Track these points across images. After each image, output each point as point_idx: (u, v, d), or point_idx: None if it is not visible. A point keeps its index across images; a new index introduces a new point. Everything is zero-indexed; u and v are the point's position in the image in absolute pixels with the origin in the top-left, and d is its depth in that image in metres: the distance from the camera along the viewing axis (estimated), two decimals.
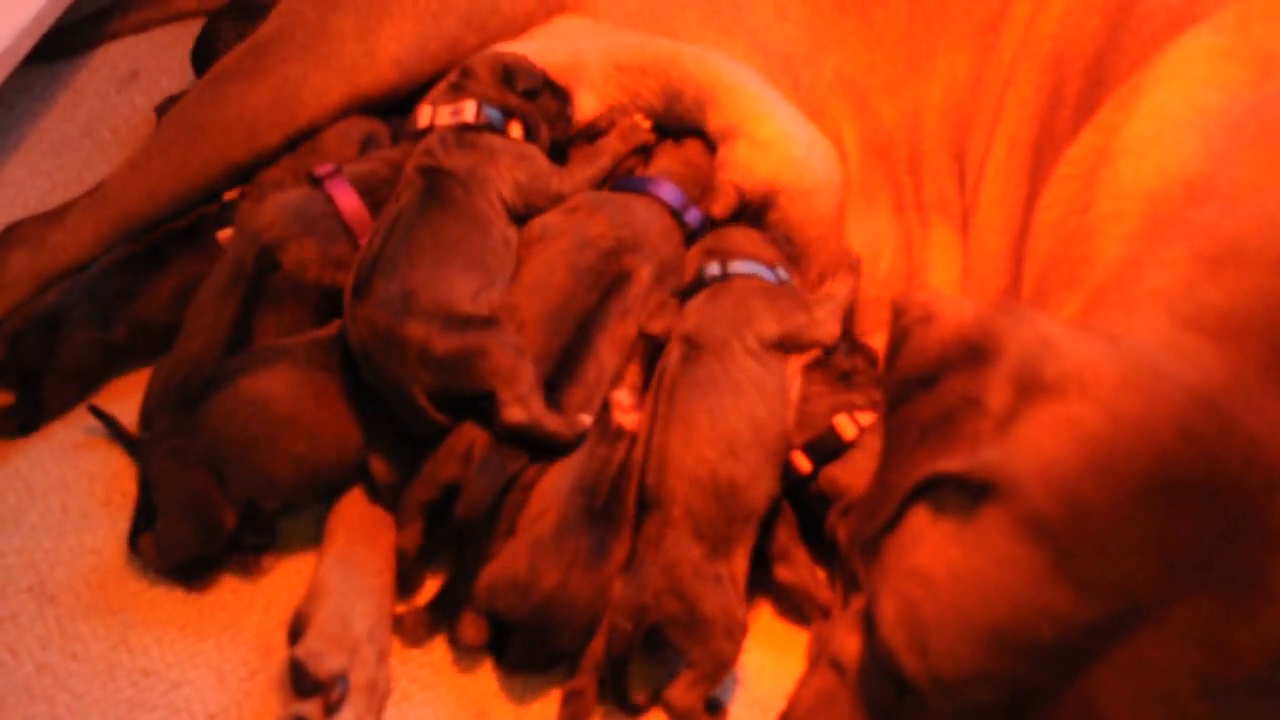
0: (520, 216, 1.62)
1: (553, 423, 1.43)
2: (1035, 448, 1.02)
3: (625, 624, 1.34)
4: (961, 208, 1.68)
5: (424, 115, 1.67)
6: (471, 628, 1.39)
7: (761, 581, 1.46)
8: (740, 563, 1.40)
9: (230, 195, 1.76)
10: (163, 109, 1.92)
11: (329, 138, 1.78)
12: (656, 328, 1.55)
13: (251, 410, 1.45)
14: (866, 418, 1.48)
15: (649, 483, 1.41)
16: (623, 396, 1.51)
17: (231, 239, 1.62)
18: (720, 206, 1.65)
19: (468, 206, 1.55)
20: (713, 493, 1.38)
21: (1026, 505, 1.01)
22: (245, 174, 1.78)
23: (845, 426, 1.47)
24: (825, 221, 1.68)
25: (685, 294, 1.58)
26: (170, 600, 1.49)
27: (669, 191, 1.64)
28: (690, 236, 1.65)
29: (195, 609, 1.48)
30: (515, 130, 1.67)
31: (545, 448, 1.43)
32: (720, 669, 1.35)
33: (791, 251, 1.66)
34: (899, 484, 1.10)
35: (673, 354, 1.49)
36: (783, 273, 1.59)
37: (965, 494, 1.04)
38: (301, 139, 1.79)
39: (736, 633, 1.35)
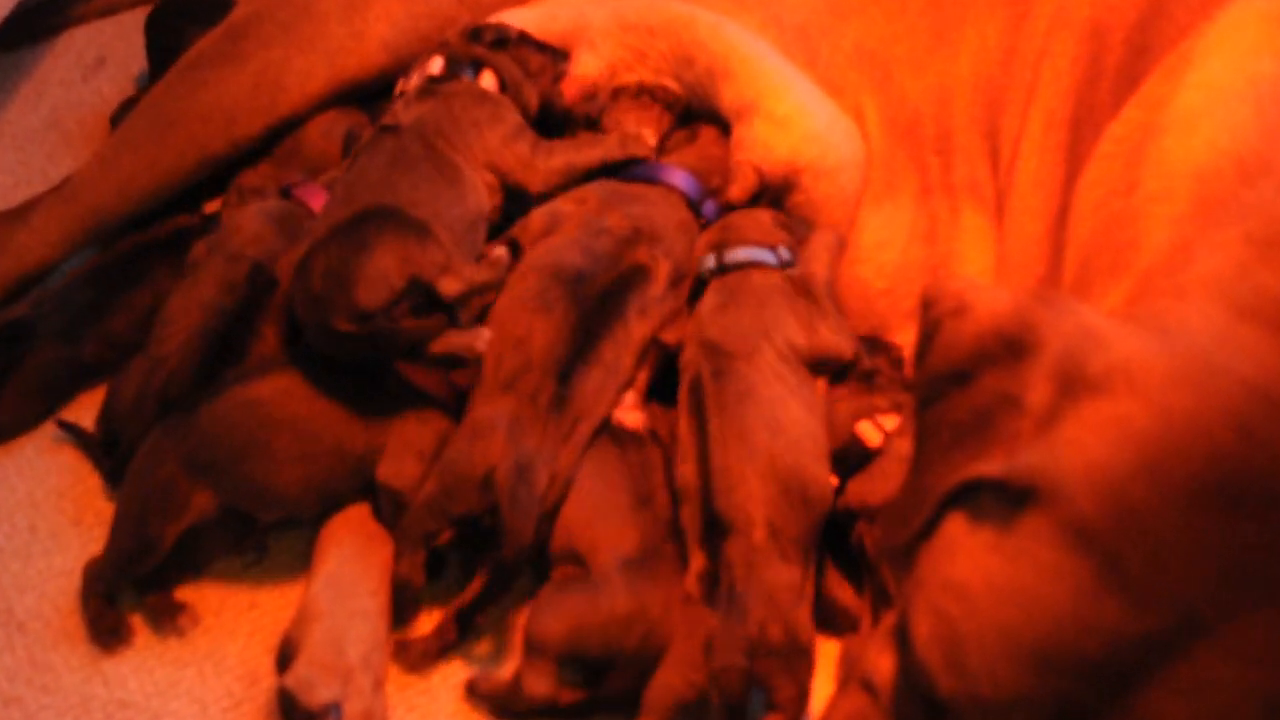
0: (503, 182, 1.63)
1: (483, 274, 1.46)
2: (1079, 449, 1.01)
3: (738, 660, 1.30)
4: (994, 191, 1.68)
5: (397, 87, 1.71)
6: (541, 677, 1.36)
7: None
8: (811, 579, 1.39)
9: (212, 207, 1.77)
10: (118, 116, 1.92)
11: (311, 137, 1.78)
12: (671, 337, 1.55)
13: (247, 412, 1.46)
14: (891, 421, 1.48)
15: (719, 507, 1.39)
16: (624, 395, 1.52)
17: (210, 253, 1.61)
18: (739, 189, 1.64)
19: (423, 156, 1.56)
20: (799, 501, 1.38)
21: (1071, 511, 1.00)
22: (224, 167, 1.78)
23: (869, 433, 1.47)
24: (850, 203, 1.67)
25: (693, 291, 1.59)
26: (148, 625, 1.48)
27: (685, 181, 1.64)
28: (702, 229, 1.65)
29: (176, 634, 1.47)
30: (488, 79, 1.68)
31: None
32: (803, 706, 1.33)
33: (805, 235, 1.66)
34: (932, 490, 1.09)
35: (702, 366, 1.48)
36: (784, 252, 1.59)
37: (1004, 500, 1.03)
38: (283, 129, 1.79)
39: (815, 662, 1.34)
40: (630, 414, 1.51)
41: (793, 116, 1.66)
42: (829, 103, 1.69)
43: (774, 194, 1.67)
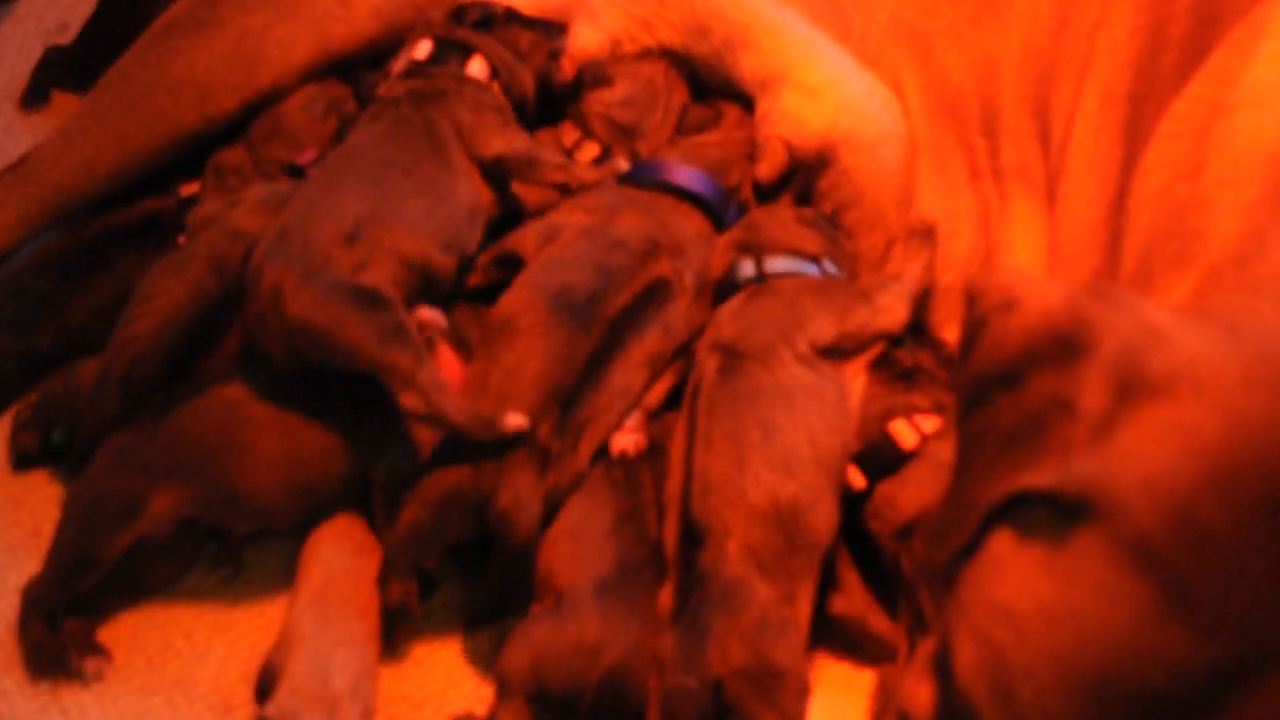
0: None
1: (458, 414, 1.39)
2: (1140, 459, 1.00)
3: (688, 682, 1.29)
4: (1045, 174, 1.68)
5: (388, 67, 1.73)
6: (515, 718, 1.34)
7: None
8: (804, 606, 1.36)
9: (189, 189, 1.77)
10: (45, 67, 1.93)
11: (291, 113, 1.78)
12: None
13: (225, 410, 1.46)
14: (930, 423, 1.47)
15: (695, 511, 1.37)
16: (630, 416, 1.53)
17: (201, 233, 1.61)
18: (768, 167, 1.64)
19: (419, 137, 1.58)
20: (775, 520, 1.36)
21: (1130, 528, 0.99)
22: (197, 144, 1.78)
23: (904, 434, 1.46)
24: (894, 181, 1.67)
25: (715, 297, 1.58)
26: (114, 647, 1.47)
27: (703, 184, 1.64)
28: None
29: (142, 658, 1.47)
30: (476, 65, 1.69)
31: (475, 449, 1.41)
32: None
33: (836, 235, 1.65)
34: (976, 502, 1.09)
35: (707, 365, 1.48)
36: (830, 265, 1.58)
37: (1056, 514, 1.03)
38: (262, 103, 1.79)
39: (805, 691, 1.31)
40: (626, 437, 1.50)
41: (825, 85, 1.66)
42: (865, 71, 1.68)
43: (806, 174, 1.65)
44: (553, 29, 1.77)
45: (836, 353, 1.50)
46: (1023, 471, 1.06)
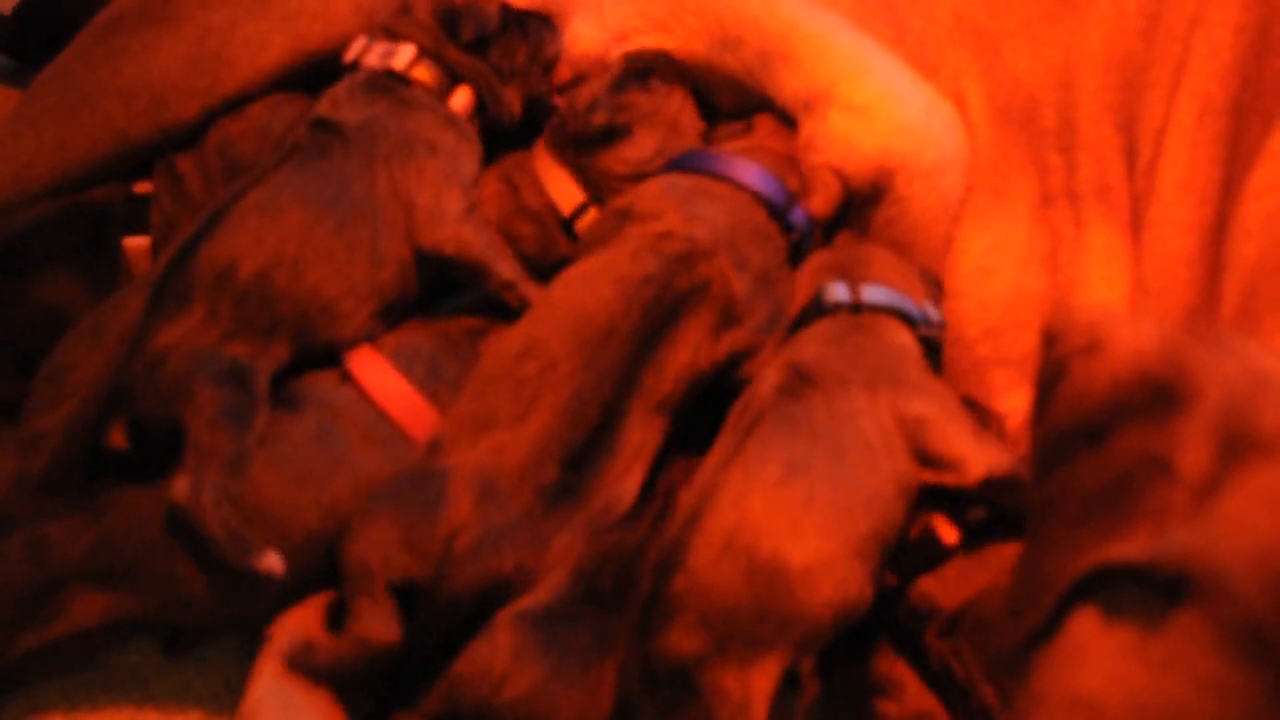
0: None
1: (216, 526, 1.40)
2: (1249, 528, 1.00)
3: None
4: (1130, 198, 1.68)
5: (355, 48, 1.73)
6: None
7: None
8: (762, 681, 1.34)
9: (143, 188, 1.76)
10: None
11: (250, 127, 1.77)
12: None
13: (163, 504, 1.44)
14: (977, 514, 1.47)
15: (673, 531, 1.38)
16: None
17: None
18: (821, 200, 1.64)
19: (335, 169, 1.60)
20: (745, 570, 1.35)
21: (1237, 609, 0.98)
22: (148, 155, 1.78)
23: (945, 530, 1.46)
24: (951, 214, 1.66)
25: (798, 321, 1.57)
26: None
27: (757, 176, 1.63)
28: (795, 250, 1.63)
29: None
30: (460, 98, 1.70)
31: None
32: None
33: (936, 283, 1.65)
34: (1055, 577, 1.08)
35: (767, 380, 1.47)
36: (934, 312, 1.57)
37: (1150, 592, 1.02)
38: (225, 110, 1.78)
39: None
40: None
41: (878, 104, 1.66)
42: (923, 85, 1.69)
43: (859, 207, 1.65)
44: (545, 31, 1.77)
45: (914, 440, 1.48)
46: (1110, 542, 1.05)
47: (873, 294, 1.54)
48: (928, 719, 1.43)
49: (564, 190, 1.72)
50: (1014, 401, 1.59)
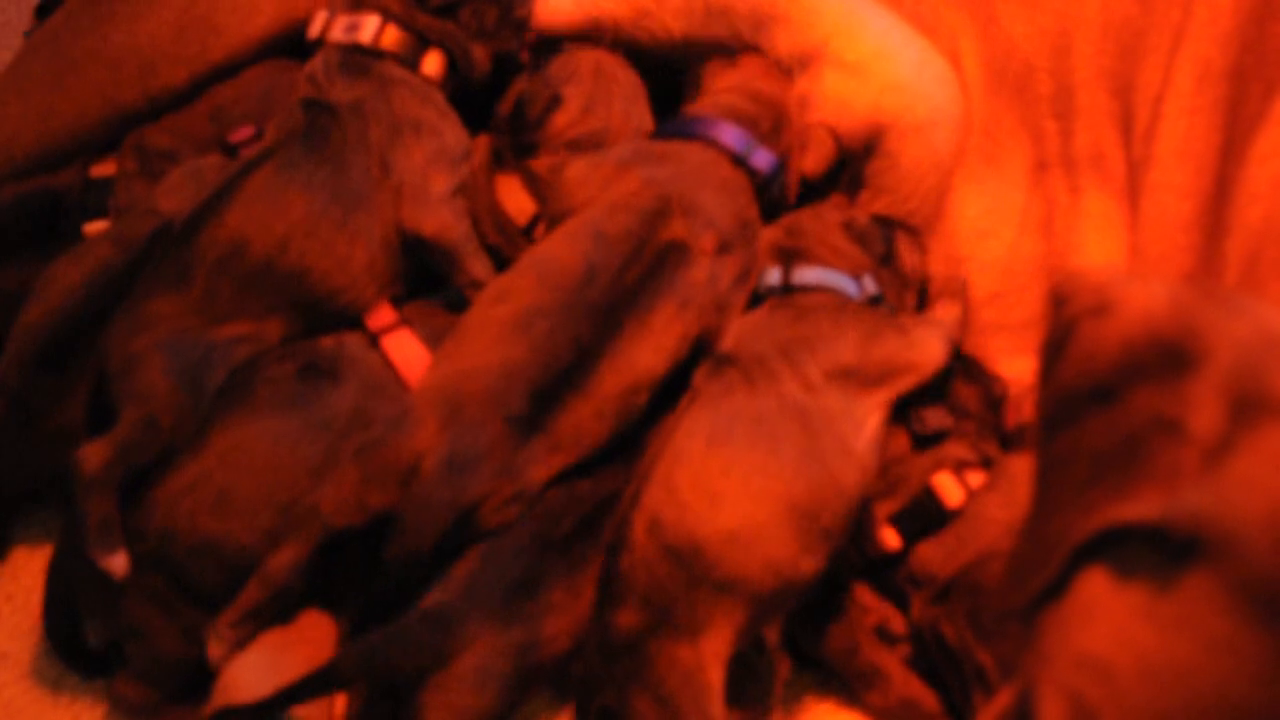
0: None
1: (93, 507, 1.42)
2: (1259, 489, 0.99)
3: None
4: (1126, 164, 1.68)
5: (317, 23, 1.72)
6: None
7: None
8: (714, 645, 1.38)
9: (100, 170, 1.74)
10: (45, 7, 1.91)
11: (240, 94, 1.77)
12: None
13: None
14: (977, 478, 1.49)
15: (621, 509, 1.43)
16: None
17: (123, 217, 1.61)
18: (814, 160, 1.66)
19: (334, 154, 1.61)
20: (668, 544, 1.39)
21: (1248, 569, 0.98)
22: (135, 123, 1.78)
23: (949, 489, 1.47)
24: (943, 168, 1.67)
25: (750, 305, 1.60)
26: None
27: (729, 134, 1.63)
28: (763, 187, 1.64)
29: None
30: (432, 64, 1.70)
31: None
32: None
33: (892, 250, 1.66)
34: (1063, 537, 1.08)
35: (699, 373, 1.51)
36: (870, 283, 1.59)
37: (1161, 552, 1.02)
38: (214, 79, 1.78)
39: None
40: None
41: (870, 60, 1.67)
42: (916, 39, 1.70)
43: (851, 163, 1.66)
44: None
45: (856, 380, 1.49)
46: (1120, 502, 1.05)
47: (803, 275, 1.57)
48: (913, 707, 1.45)
49: (517, 201, 1.73)
50: (1011, 367, 1.59)
